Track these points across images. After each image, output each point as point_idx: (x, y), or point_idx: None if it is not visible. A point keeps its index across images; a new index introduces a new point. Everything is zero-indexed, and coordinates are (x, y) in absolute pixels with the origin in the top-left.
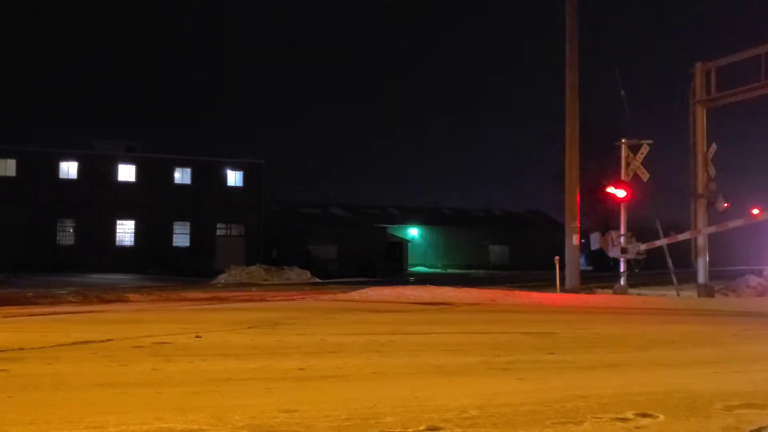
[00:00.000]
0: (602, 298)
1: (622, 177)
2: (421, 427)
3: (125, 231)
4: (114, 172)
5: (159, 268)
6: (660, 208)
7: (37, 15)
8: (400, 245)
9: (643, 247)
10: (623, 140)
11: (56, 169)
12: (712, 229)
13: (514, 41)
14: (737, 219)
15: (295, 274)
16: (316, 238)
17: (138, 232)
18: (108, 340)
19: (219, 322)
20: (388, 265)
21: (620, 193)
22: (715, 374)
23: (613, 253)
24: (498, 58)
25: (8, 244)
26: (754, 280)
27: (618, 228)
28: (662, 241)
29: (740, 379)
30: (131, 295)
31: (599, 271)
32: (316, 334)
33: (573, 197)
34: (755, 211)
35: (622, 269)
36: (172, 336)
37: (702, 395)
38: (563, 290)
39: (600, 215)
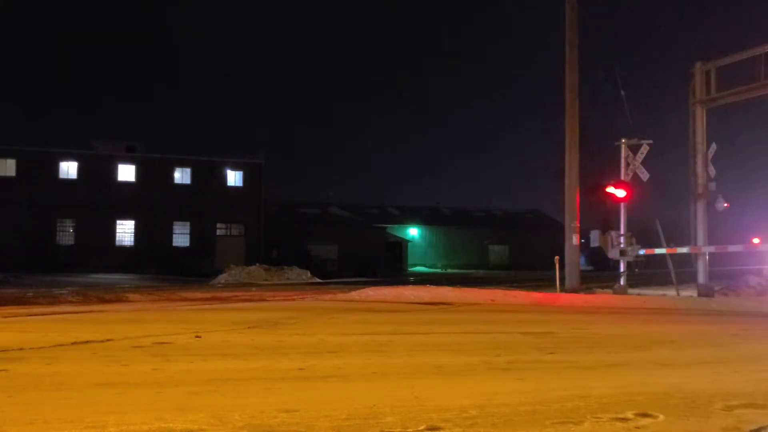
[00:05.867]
0: (602, 298)
1: (622, 177)
2: (421, 427)
3: (125, 231)
4: (114, 172)
5: (159, 268)
6: (660, 207)
7: (36, 15)
8: (400, 245)
9: (642, 252)
10: (623, 140)
11: (56, 169)
12: (711, 249)
13: (515, 41)
14: (737, 244)
15: (295, 274)
16: (316, 238)
17: (138, 232)
18: (108, 339)
19: (219, 322)
20: (388, 265)
21: (620, 193)
22: (715, 374)
23: (612, 254)
24: (498, 58)
25: (8, 244)
26: (754, 280)
27: (618, 228)
28: (661, 250)
29: (740, 379)
30: (131, 295)
31: (599, 271)
32: (316, 334)
33: (573, 197)
34: (756, 240)
35: (621, 269)
36: (172, 336)
37: (702, 395)
38: (563, 290)
39: (600, 215)
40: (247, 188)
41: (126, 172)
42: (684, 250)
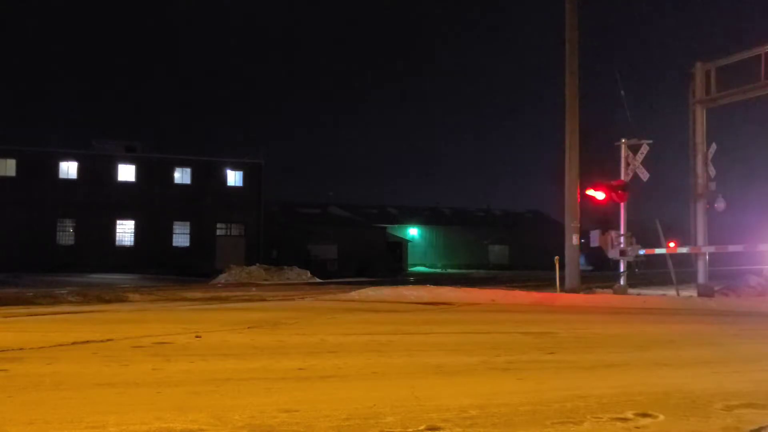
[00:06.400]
0: (602, 297)
1: (622, 177)
2: (421, 427)
3: (125, 231)
4: (114, 172)
5: (159, 268)
6: (660, 208)
7: (37, 15)
8: (400, 245)
9: (642, 252)
10: (623, 140)
11: (56, 169)
12: (711, 249)
13: (514, 41)
14: (738, 245)
15: (295, 274)
16: (316, 238)
17: (138, 232)
18: (108, 339)
19: (219, 322)
20: (388, 265)
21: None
22: (715, 374)
23: (612, 254)
24: (498, 58)
25: (8, 244)
26: (754, 280)
27: (618, 228)
28: (661, 250)
29: (740, 379)
30: (131, 295)
31: (599, 271)
32: (316, 334)
33: (573, 197)
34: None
35: (621, 269)
36: (172, 336)
37: (702, 395)
38: (563, 290)
39: (600, 215)
40: (247, 188)
41: (126, 172)
42: (684, 250)
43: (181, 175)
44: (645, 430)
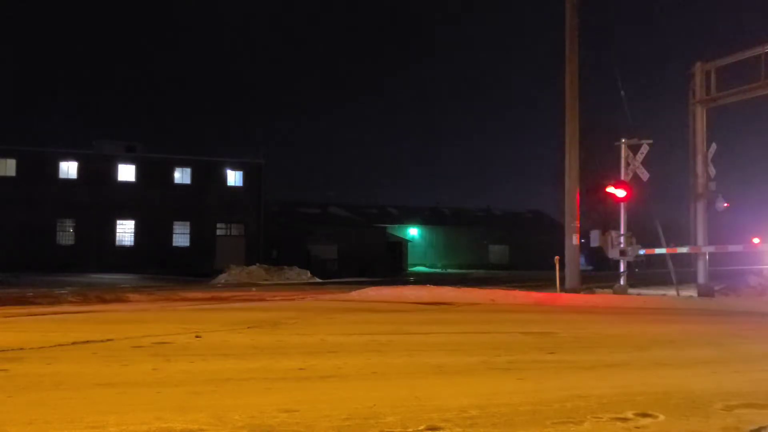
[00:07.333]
0: (602, 297)
1: (622, 177)
2: (421, 427)
3: (125, 231)
4: (114, 172)
5: (159, 268)
6: (660, 208)
7: (37, 15)
8: (400, 245)
9: (642, 252)
10: (623, 140)
11: (56, 169)
12: (711, 249)
13: (515, 42)
14: (737, 244)
15: (295, 274)
16: (316, 238)
17: (138, 232)
18: (108, 339)
19: (219, 322)
20: (388, 265)
21: (620, 193)
22: (715, 374)
23: (612, 254)
24: (499, 58)
25: (8, 244)
26: (754, 280)
27: (618, 228)
28: (661, 250)
29: (740, 379)
30: (131, 295)
31: (599, 271)
32: (316, 334)
33: (573, 197)
34: (755, 240)
35: (622, 269)
36: (172, 336)
37: (702, 395)
38: (563, 290)
39: (600, 215)
40: (247, 188)
41: (126, 172)
42: (684, 250)
43: (181, 175)
44: (645, 430)
